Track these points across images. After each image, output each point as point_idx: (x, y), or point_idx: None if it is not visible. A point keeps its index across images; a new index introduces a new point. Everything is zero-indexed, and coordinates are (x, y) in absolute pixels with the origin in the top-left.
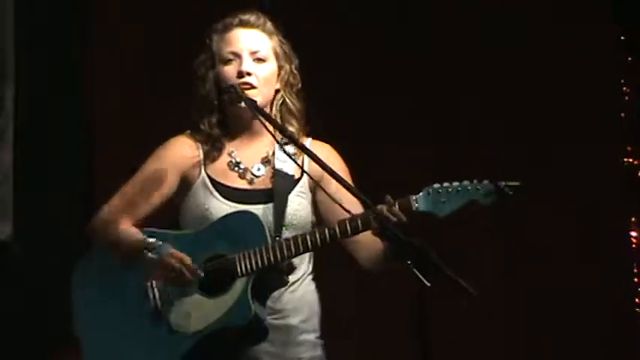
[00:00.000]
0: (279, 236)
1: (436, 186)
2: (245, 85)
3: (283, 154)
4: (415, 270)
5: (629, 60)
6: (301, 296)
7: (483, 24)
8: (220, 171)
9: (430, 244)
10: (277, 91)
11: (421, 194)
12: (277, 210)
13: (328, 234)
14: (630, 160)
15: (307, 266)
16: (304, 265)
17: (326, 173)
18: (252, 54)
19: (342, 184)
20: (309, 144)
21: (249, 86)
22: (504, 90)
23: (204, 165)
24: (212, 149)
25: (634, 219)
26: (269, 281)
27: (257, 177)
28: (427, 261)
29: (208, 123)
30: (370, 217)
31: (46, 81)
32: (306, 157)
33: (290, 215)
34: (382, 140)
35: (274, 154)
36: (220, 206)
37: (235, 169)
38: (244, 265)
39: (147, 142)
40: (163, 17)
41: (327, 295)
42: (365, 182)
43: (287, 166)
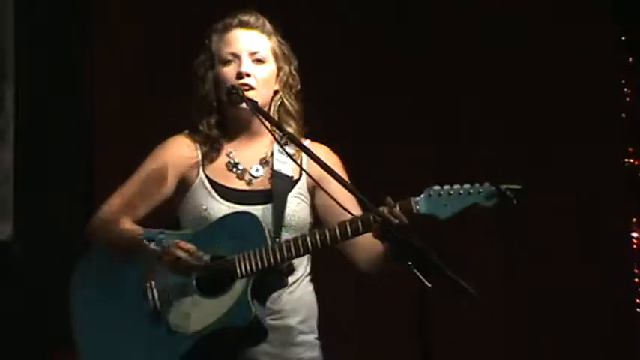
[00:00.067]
0: (278, 237)
1: (437, 188)
2: (244, 86)
3: (282, 155)
4: (416, 271)
5: (629, 60)
6: (299, 297)
7: (483, 24)
8: (219, 172)
9: (431, 246)
10: (276, 92)
11: (422, 196)
12: (276, 211)
13: (328, 235)
14: (631, 161)
15: (305, 268)
16: (302, 267)
17: (325, 174)
18: (251, 55)
19: (342, 184)
20: (306, 146)
21: (248, 87)
22: (504, 90)
23: (202, 166)
24: (210, 150)
25: (634, 220)
26: (269, 282)
27: (255, 178)
28: (428, 262)
29: (207, 124)
30: (371, 219)
31: (46, 81)
32: (305, 158)
33: (289, 216)
34: (382, 140)
35: (273, 155)
36: (219, 207)
37: (234, 170)
38: (244, 266)
39: (147, 142)
40: (163, 17)
41: (327, 298)
42: (365, 182)
43: (285, 167)
